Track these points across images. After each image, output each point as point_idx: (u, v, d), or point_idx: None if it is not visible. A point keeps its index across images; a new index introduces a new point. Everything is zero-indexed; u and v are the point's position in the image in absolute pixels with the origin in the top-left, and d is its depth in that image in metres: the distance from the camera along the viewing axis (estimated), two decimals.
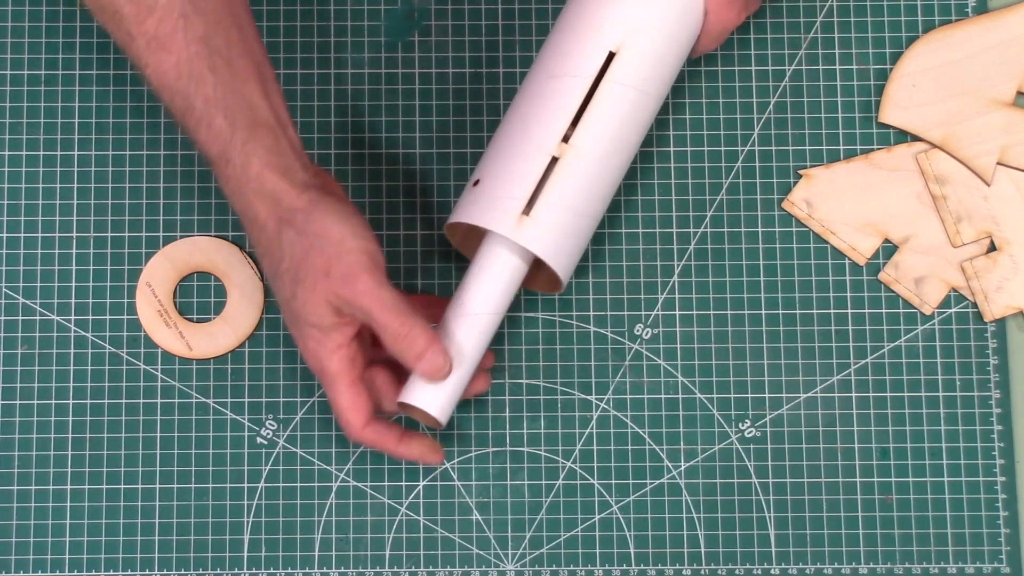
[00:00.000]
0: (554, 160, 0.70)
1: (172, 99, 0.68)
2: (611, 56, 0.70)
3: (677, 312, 0.80)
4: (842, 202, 0.81)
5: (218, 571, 0.77)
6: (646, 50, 0.71)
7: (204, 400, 0.79)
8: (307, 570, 0.78)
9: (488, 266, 0.71)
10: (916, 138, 0.81)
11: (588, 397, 0.79)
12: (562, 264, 0.70)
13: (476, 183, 0.71)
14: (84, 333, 0.79)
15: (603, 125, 0.70)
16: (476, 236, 0.73)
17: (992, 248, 0.80)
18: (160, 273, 0.79)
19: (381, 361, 0.72)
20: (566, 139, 0.70)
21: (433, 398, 0.69)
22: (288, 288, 0.68)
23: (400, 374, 0.72)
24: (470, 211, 0.70)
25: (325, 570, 0.78)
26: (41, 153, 0.80)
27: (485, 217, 0.69)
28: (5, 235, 0.80)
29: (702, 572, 0.78)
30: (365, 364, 0.70)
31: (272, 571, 0.78)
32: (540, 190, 0.69)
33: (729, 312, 0.80)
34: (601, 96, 0.70)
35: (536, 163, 0.69)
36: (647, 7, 0.71)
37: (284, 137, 0.68)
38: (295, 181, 0.68)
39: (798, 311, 0.80)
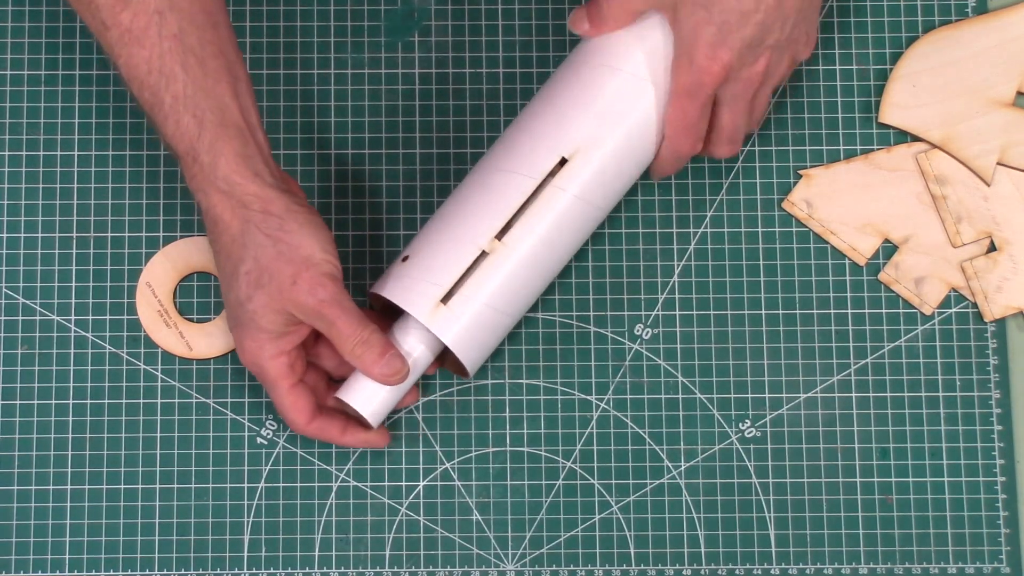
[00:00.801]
0: (484, 254, 0.70)
1: (141, 92, 0.68)
2: (563, 162, 0.71)
3: (677, 312, 0.80)
4: (842, 202, 0.81)
5: (218, 571, 0.77)
6: (597, 163, 0.71)
7: (204, 400, 0.79)
8: (307, 570, 0.78)
9: (402, 342, 0.72)
10: (916, 138, 0.81)
11: (588, 397, 0.79)
12: (470, 357, 0.72)
13: (405, 259, 0.72)
14: (84, 333, 0.79)
15: (540, 228, 0.71)
16: (399, 309, 0.73)
17: (992, 248, 0.80)
18: (160, 273, 0.79)
19: (313, 363, 0.74)
20: (501, 235, 0.71)
21: (367, 401, 0.72)
22: (244, 291, 0.69)
23: (329, 375, 0.75)
24: (393, 288, 0.71)
25: (325, 570, 0.78)
26: (41, 153, 0.80)
27: (404, 297, 0.70)
28: (5, 235, 0.80)
29: (702, 572, 0.78)
30: (304, 368, 0.72)
31: (272, 571, 0.78)
32: (463, 282, 0.70)
33: (729, 312, 0.80)
34: (543, 199, 0.71)
35: (465, 255, 0.70)
36: (605, 123, 0.71)
37: (252, 140, 0.69)
38: (264, 184, 0.68)
39: (798, 311, 0.80)
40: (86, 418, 0.78)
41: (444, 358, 0.75)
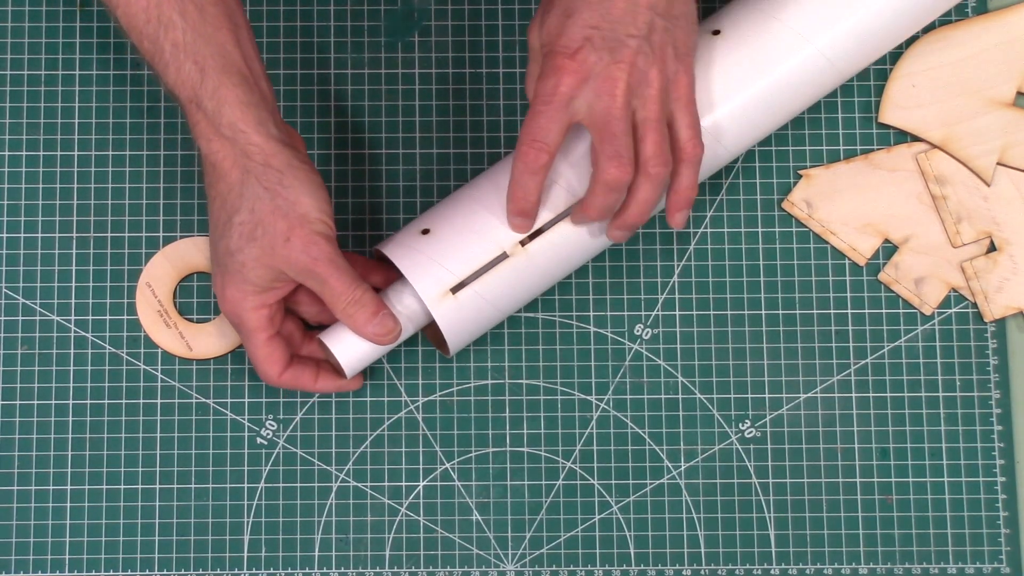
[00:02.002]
0: (504, 255, 0.71)
1: (140, 42, 0.68)
2: None
3: (677, 312, 0.80)
4: (842, 202, 0.81)
5: (218, 571, 0.77)
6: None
7: (204, 400, 0.79)
8: (307, 570, 0.78)
9: (395, 302, 0.72)
10: (916, 138, 0.81)
11: (588, 397, 0.79)
12: (458, 344, 0.73)
13: (425, 231, 0.71)
14: (84, 333, 0.79)
15: (563, 246, 0.72)
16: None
17: (992, 248, 0.80)
18: (160, 273, 0.79)
19: (292, 313, 0.74)
20: (525, 241, 0.71)
21: (348, 351, 0.72)
22: (236, 241, 0.69)
23: (305, 322, 0.75)
24: (406, 260, 0.71)
25: (325, 570, 0.78)
26: (41, 153, 0.80)
27: (416, 274, 0.71)
28: (5, 235, 0.80)
29: (702, 572, 0.78)
30: (282, 320, 0.73)
31: (272, 571, 0.78)
32: (477, 277, 0.71)
33: (729, 312, 0.80)
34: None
35: (486, 251, 0.71)
36: None
37: (257, 88, 0.68)
38: (268, 136, 0.68)
39: (798, 311, 0.80)
40: (86, 418, 0.78)
41: (427, 327, 0.76)
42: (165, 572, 0.77)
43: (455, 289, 0.71)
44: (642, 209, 0.69)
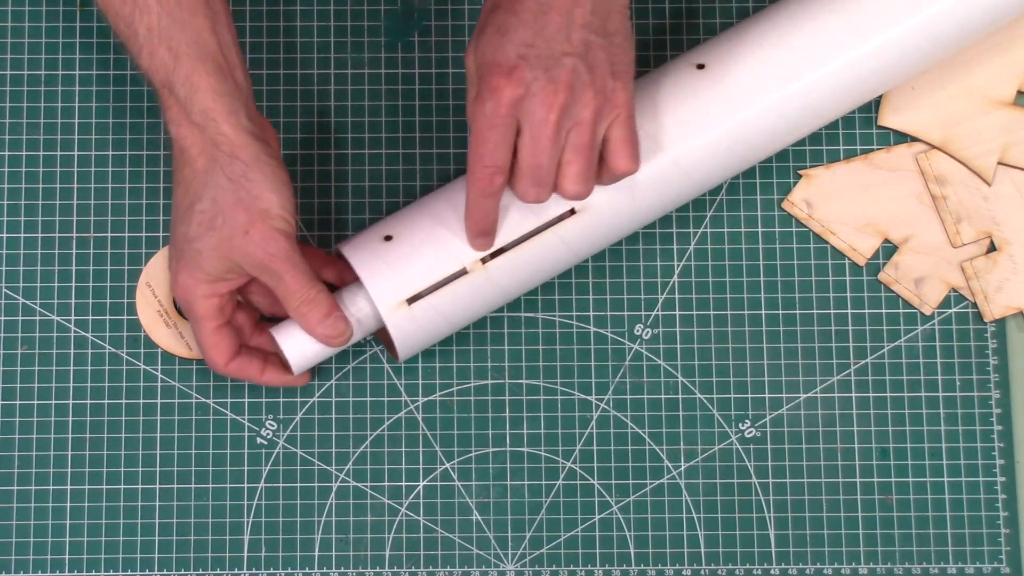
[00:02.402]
0: (464, 271, 0.71)
1: (117, 24, 0.68)
2: (571, 212, 0.71)
3: (677, 312, 0.80)
4: (842, 202, 0.81)
5: (218, 571, 0.77)
6: (602, 224, 0.72)
7: (204, 400, 0.79)
8: (307, 570, 0.78)
9: (349, 305, 0.72)
10: (916, 139, 0.81)
11: (588, 397, 0.79)
12: (407, 353, 0.73)
13: (388, 238, 0.71)
14: (84, 333, 0.79)
15: (524, 268, 0.72)
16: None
17: (992, 248, 0.80)
18: (160, 273, 0.79)
19: (244, 303, 0.74)
20: (486, 259, 0.71)
21: (298, 347, 0.72)
22: (195, 229, 0.69)
23: (260, 313, 0.75)
24: (366, 265, 0.71)
25: (325, 570, 0.78)
26: (41, 153, 0.80)
27: (374, 282, 0.71)
28: (5, 235, 0.80)
29: (702, 572, 0.78)
30: (233, 311, 0.73)
31: (272, 571, 0.78)
32: (434, 291, 0.71)
33: (729, 312, 0.80)
34: (539, 243, 0.71)
35: (446, 266, 0.71)
36: (620, 187, 0.71)
37: (231, 77, 0.68)
38: (238, 127, 0.68)
39: (798, 311, 0.80)
40: (86, 418, 0.78)
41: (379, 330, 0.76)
42: (165, 572, 0.77)
43: (411, 300, 0.71)
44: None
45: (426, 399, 0.79)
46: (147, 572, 0.77)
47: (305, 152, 0.81)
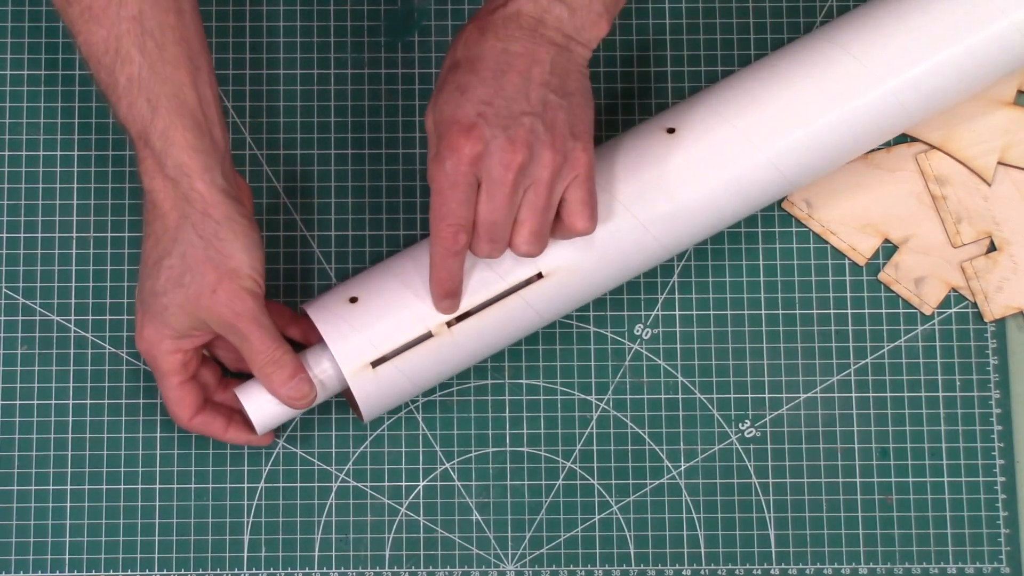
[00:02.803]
0: (429, 334, 0.71)
1: (98, 72, 0.67)
2: (539, 275, 0.71)
3: (677, 312, 0.80)
4: (842, 202, 0.81)
5: (218, 571, 0.77)
6: (566, 285, 0.72)
7: None
8: (307, 570, 0.78)
9: (314, 365, 0.72)
10: (916, 139, 0.81)
11: (588, 397, 0.79)
12: (372, 414, 0.73)
13: (353, 300, 0.71)
14: (84, 333, 0.79)
15: (489, 331, 0.72)
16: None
17: (992, 248, 0.80)
18: None
19: (210, 358, 0.74)
20: (452, 322, 0.71)
21: (261, 408, 0.72)
22: (162, 284, 0.68)
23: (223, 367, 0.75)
24: (329, 327, 0.71)
25: (325, 570, 0.78)
26: (41, 153, 0.80)
27: (339, 346, 0.70)
28: (5, 235, 0.80)
29: (702, 572, 0.78)
30: (198, 367, 0.72)
31: (272, 571, 0.78)
32: (399, 354, 0.71)
33: (729, 312, 0.80)
34: (506, 307, 0.71)
35: (411, 329, 0.71)
36: (587, 250, 0.71)
37: (208, 134, 0.68)
38: (212, 184, 0.67)
39: (798, 311, 0.80)
40: (86, 418, 0.78)
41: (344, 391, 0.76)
42: (165, 572, 0.77)
43: (376, 363, 0.71)
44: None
45: (426, 399, 0.79)
46: (147, 572, 0.77)
47: (305, 152, 0.81)
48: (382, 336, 0.71)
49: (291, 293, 0.79)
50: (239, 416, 0.74)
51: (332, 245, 0.80)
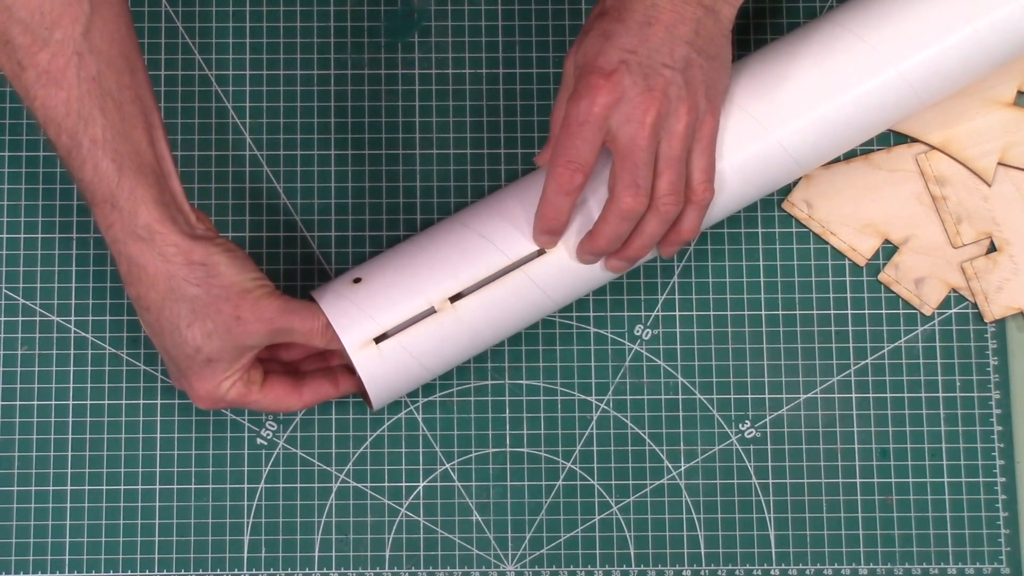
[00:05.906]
0: (432, 310, 0.71)
1: (58, 136, 0.66)
2: (541, 252, 0.71)
3: (677, 312, 0.80)
4: (842, 202, 0.81)
5: (218, 571, 0.78)
6: (568, 260, 0.72)
7: None
8: (307, 570, 0.78)
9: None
10: (916, 139, 0.81)
11: (588, 397, 0.79)
12: (380, 397, 0.72)
13: (357, 280, 0.72)
14: (84, 333, 0.79)
15: (494, 307, 0.72)
16: None
17: (992, 249, 0.80)
18: None
19: (273, 369, 0.74)
20: (455, 298, 0.71)
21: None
22: (192, 345, 0.68)
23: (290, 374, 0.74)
24: (334, 307, 0.71)
25: (325, 570, 0.78)
26: (41, 153, 0.80)
27: (341, 323, 0.70)
28: (5, 235, 0.80)
29: (702, 573, 0.78)
30: (262, 375, 0.72)
31: (272, 571, 0.78)
32: (403, 330, 0.71)
33: (729, 312, 0.80)
34: (509, 282, 0.71)
35: (413, 304, 0.71)
36: (585, 227, 0.71)
37: (168, 188, 0.68)
38: (182, 234, 0.67)
39: (798, 311, 0.80)
40: (86, 418, 0.78)
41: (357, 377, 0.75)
42: (165, 572, 0.77)
43: (379, 339, 0.71)
44: (645, 243, 0.70)
45: (426, 399, 0.79)
46: (147, 572, 0.77)
47: (305, 152, 0.81)
48: (384, 312, 0.71)
49: (291, 293, 0.79)
50: (341, 368, 0.74)
51: (332, 245, 0.80)
